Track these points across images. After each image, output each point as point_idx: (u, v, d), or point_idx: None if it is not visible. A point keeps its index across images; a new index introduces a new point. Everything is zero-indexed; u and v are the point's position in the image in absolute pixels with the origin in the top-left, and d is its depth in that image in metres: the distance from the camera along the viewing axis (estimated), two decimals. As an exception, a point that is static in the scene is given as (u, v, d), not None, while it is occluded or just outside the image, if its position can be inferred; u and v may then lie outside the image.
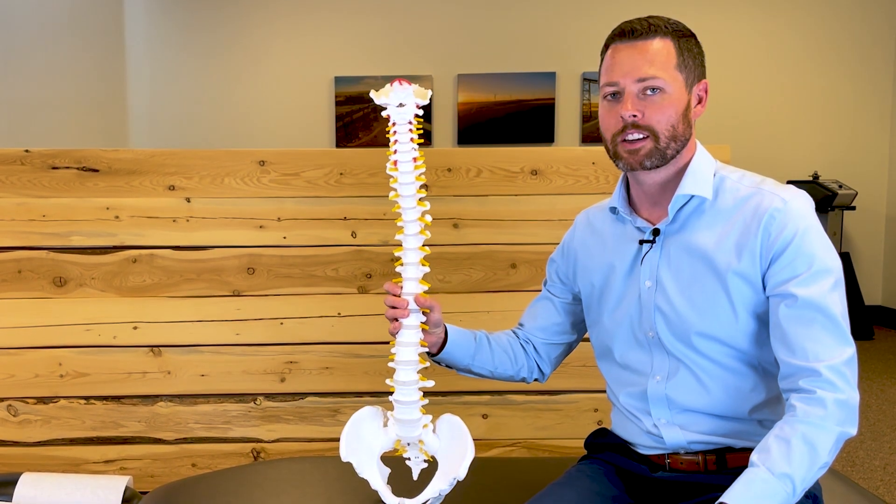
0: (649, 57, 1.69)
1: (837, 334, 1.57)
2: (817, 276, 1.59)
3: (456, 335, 1.93)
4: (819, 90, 7.82)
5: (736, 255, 1.66)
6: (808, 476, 1.50)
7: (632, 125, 1.70)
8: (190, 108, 7.97)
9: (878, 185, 7.85)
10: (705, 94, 1.75)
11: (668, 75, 1.68)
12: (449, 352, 1.93)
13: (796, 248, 1.61)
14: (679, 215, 1.75)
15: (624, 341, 1.85)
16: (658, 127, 1.69)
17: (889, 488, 3.72)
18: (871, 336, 7.12)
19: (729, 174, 1.76)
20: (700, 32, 5.86)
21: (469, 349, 1.96)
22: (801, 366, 1.56)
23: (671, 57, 1.69)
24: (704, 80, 1.75)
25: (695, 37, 1.76)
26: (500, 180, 2.93)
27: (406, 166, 1.81)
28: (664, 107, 1.68)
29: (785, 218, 1.62)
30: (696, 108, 1.74)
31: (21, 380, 2.91)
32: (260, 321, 2.93)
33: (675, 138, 1.70)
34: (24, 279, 2.90)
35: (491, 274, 2.94)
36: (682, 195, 1.72)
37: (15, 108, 5.70)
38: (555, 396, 2.95)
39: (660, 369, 1.78)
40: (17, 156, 2.89)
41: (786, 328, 1.60)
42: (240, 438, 2.96)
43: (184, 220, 2.91)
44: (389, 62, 7.92)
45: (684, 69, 1.70)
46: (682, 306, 1.72)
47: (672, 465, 1.77)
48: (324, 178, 2.92)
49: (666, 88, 1.68)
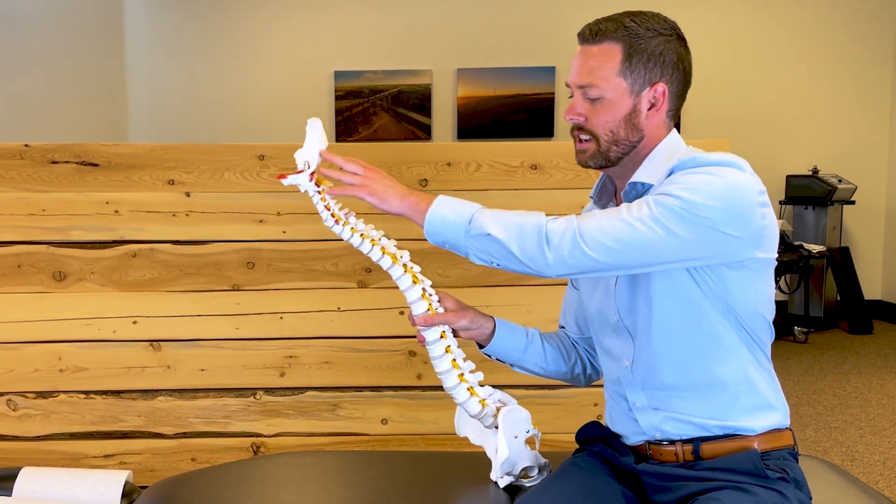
0: (590, 64, 1.73)
1: (632, 214, 1.60)
2: (664, 193, 1.61)
3: (504, 329, 2.00)
4: (819, 84, 7.81)
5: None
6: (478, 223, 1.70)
7: (577, 127, 1.76)
8: (190, 102, 7.97)
9: (877, 180, 7.85)
10: (663, 97, 1.74)
11: (607, 83, 1.71)
12: (497, 345, 1.99)
13: (675, 177, 1.64)
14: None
15: (600, 326, 1.90)
16: (597, 131, 1.74)
17: (889, 483, 3.73)
18: (871, 330, 7.12)
19: (684, 158, 1.73)
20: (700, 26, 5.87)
21: (519, 344, 2.02)
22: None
23: (614, 63, 1.71)
24: (659, 84, 1.73)
25: (662, 35, 1.73)
26: (499, 175, 2.93)
27: (338, 229, 1.95)
28: (601, 113, 1.73)
29: (683, 163, 1.65)
30: (650, 112, 1.74)
31: (21, 374, 2.91)
32: (260, 316, 2.93)
33: (616, 143, 1.74)
34: (23, 273, 2.90)
35: (490, 268, 2.94)
36: (632, 182, 1.75)
37: (14, 103, 5.69)
38: (554, 391, 2.95)
39: (627, 354, 1.82)
40: (17, 150, 2.88)
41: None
42: (240, 433, 2.96)
43: (183, 215, 2.91)
44: (389, 56, 7.92)
45: (629, 75, 1.71)
46: (637, 289, 1.76)
47: (653, 456, 1.80)
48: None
49: (604, 95, 1.71)
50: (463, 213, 1.71)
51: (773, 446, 1.74)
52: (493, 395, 1.98)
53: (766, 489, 1.64)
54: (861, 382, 5.50)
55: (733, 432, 1.73)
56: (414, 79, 7.89)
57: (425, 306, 1.91)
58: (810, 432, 4.46)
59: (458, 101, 7.87)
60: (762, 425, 1.74)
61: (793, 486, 1.70)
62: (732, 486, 1.65)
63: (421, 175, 2.91)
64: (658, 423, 1.78)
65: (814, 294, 7.36)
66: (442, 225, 1.72)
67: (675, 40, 1.74)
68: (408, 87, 7.89)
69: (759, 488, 1.64)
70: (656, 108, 1.74)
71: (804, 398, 5.11)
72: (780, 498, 1.64)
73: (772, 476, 1.68)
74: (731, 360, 1.72)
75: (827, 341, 6.87)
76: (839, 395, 5.18)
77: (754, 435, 1.73)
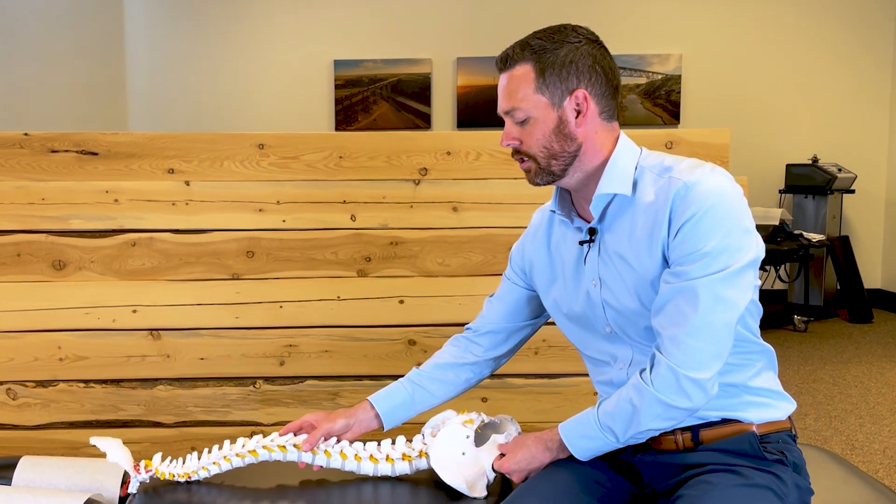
0: (508, 89, 1.77)
1: (692, 308, 1.60)
2: (698, 257, 1.61)
3: (384, 404, 2.10)
4: (819, 73, 7.80)
5: (657, 247, 1.69)
6: (629, 432, 1.68)
7: (515, 151, 1.81)
8: (189, 91, 7.96)
9: (877, 169, 7.85)
10: (585, 101, 1.74)
11: (527, 103, 1.75)
12: (390, 419, 2.10)
13: (686, 234, 1.64)
14: (606, 213, 1.80)
15: (588, 338, 1.92)
16: (532, 151, 1.78)
17: (889, 472, 3.73)
18: (871, 319, 7.13)
19: (649, 164, 1.78)
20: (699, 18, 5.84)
21: (405, 402, 2.11)
22: (657, 331, 1.66)
23: (528, 83, 1.74)
24: (579, 91, 1.74)
25: (570, 44, 1.74)
26: (499, 164, 2.92)
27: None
28: (531, 133, 1.76)
29: (688, 200, 1.64)
30: (578, 119, 1.75)
31: (20, 363, 2.91)
32: (259, 304, 2.93)
33: (553, 157, 1.77)
34: (23, 262, 2.89)
35: (490, 257, 2.94)
36: (602, 195, 1.77)
37: (14, 92, 5.68)
38: (555, 380, 2.95)
39: (623, 358, 1.84)
40: (17, 139, 2.88)
41: (658, 298, 1.67)
42: (239, 422, 2.96)
43: (183, 204, 2.91)
44: (389, 45, 7.91)
45: (547, 89, 1.73)
46: (627, 301, 1.77)
47: (652, 446, 1.81)
48: (323, 161, 2.91)
49: (529, 115, 1.75)
50: (596, 436, 1.75)
51: (771, 429, 1.76)
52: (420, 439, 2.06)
53: (762, 471, 1.66)
54: (861, 371, 5.51)
55: (732, 418, 1.74)
56: (413, 67, 7.89)
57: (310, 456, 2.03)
58: (810, 421, 4.46)
59: (457, 89, 7.87)
60: (762, 417, 1.75)
61: (790, 469, 1.71)
62: (725, 468, 1.67)
63: (420, 164, 2.91)
64: None
65: (813, 283, 7.36)
66: (593, 453, 1.79)
67: (586, 44, 1.75)
68: (407, 75, 7.89)
69: (753, 471, 1.65)
70: (583, 113, 1.75)
71: (804, 387, 5.11)
72: (776, 480, 1.65)
73: (769, 458, 1.69)
74: (731, 358, 1.73)
75: (827, 330, 6.88)
76: (839, 384, 5.19)
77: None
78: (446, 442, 1.98)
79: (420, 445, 2.03)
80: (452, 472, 1.95)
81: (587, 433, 1.74)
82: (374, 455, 2.02)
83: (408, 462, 2.02)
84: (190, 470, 2.03)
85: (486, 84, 7.83)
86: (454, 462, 1.97)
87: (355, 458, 2.02)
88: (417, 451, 2.03)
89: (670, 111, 7.86)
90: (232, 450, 2.03)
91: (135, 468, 2.02)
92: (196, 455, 2.06)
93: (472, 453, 1.97)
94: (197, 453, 2.07)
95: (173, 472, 2.03)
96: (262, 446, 2.02)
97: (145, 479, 2.04)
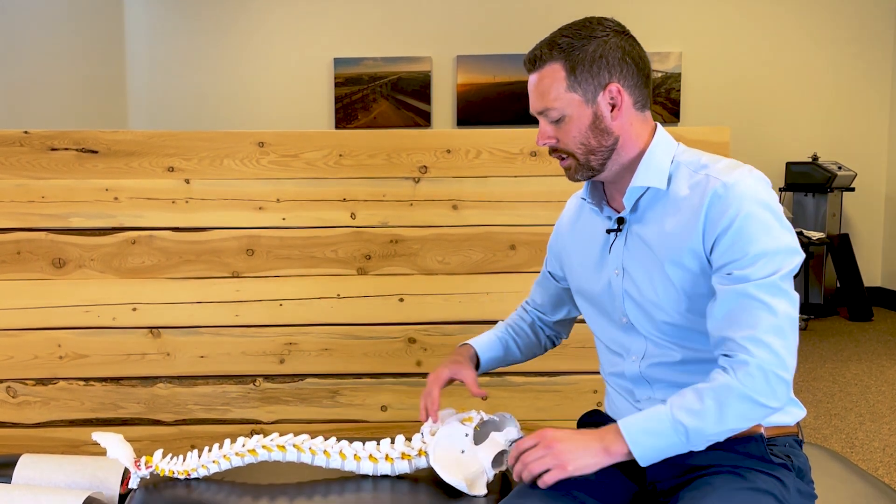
0: (540, 90, 1.77)
1: (765, 310, 1.60)
2: (754, 259, 1.61)
3: (485, 356, 2.17)
4: (819, 71, 7.80)
5: (686, 242, 1.70)
6: (707, 433, 1.59)
7: (552, 149, 1.82)
8: (189, 90, 7.95)
9: (877, 167, 7.84)
10: (619, 95, 1.75)
11: (560, 102, 1.75)
12: (484, 367, 2.17)
13: (734, 234, 1.63)
14: (639, 205, 1.80)
15: (606, 325, 1.92)
16: (570, 148, 1.78)
17: (888, 469, 3.74)
18: (871, 317, 7.13)
19: (686, 160, 1.79)
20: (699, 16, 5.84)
21: (499, 360, 2.19)
22: (725, 335, 1.63)
23: (560, 82, 1.74)
24: (611, 84, 1.75)
25: (597, 38, 1.74)
26: (499, 161, 2.92)
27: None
28: (568, 131, 1.76)
29: (725, 203, 1.65)
30: (613, 112, 1.76)
31: (20, 361, 2.91)
32: (259, 302, 2.93)
33: (591, 152, 1.77)
34: (22, 260, 2.89)
35: (490, 255, 2.94)
36: (636, 187, 1.78)
37: (14, 91, 5.68)
38: (554, 378, 2.95)
39: (636, 351, 1.85)
40: (16, 137, 2.88)
41: (717, 304, 1.64)
42: (239, 420, 2.96)
43: (183, 202, 2.91)
44: (389, 43, 7.90)
45: (579, 87, 1.74)
46: (649, 293, 1.78)
47: None
48: (323, 159, 2.91)
49: (564, 113, 1.75)
50: (666, 433, 1.61)
51: (779, 433, 1.76)
52: (420, 437, 2.07)
53: (765, 475, 1.65)
54: (861, 369, 5.51)
55: None
56: (413, 66, 7.88)
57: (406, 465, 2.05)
58: (810, 419, 4.47)
59: (457, 87, 7.86)
60: (771, 421, 1.75)
61: (794, 474, 1.71)
62: (729, 470, 1.66)
63: (420, 162, 2.91)
64: None
65: (813, 281, 7.36)
66: (655, 454, 1.63)
67: (614, 36, 1.75)
68: (407, 73, 7.88)
69: (757, 473, 1.65)
70: (618, 106, 1.76)
71: (804, 385, 5.12)
72: (779, 484, 1.65)
73: (775, 461, 1.69)
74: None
75: (827, 328, 6.88)
76: (839, 382, 5.19)
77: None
78: (446, 440, 1.98)
79: (419, 444, 2.03)
80: (452, 471, 1.95)
81: (655, 429, 1.60)
82: (374, 454, 2.02)
83: (407, 461, 2.02)
84: (190, 467, 2.03)
85: (485, 82, 7.83)
86: (454, 460, 1.97)
87: (355, 458, 2.02)
88: (417, 449, 2.03)
89: (670, 109, 7.85)
90: (232, 449, 2.03)
91: (135, 465, 2.02)
92: (196, 453, 2.06)
93: (471, 451, 1.97)
94: (197, 451, 2.07)
95: (173, 469, 2.03)
96: (262, 446, 2.02)
97: (146, 476, 2.04)
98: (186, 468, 2.03)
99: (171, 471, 2.03)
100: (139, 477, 2.03)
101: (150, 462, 2.04)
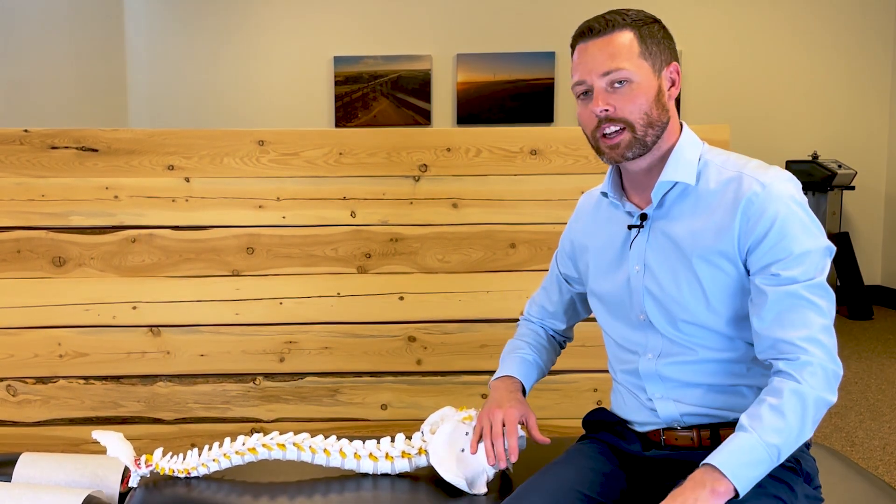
0: (611, 50, 1.73)
1: (815, 310, 1.61)
2: (799, 259, 1.62)
3: (528, 385, 2.11)
4: (818, 70, 7.80)
5: (717, 241, 1.69)
6: (793, 445, 1.58)
7: (606, 119, 1.74)
8: (189, 88, 7.95)
9: (877, 165, 7.84)
10: (678, 75, 1.77)
11: (633, 65, 1.72)
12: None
13: (777, 234, 1.63)
14: (665, 200, 1.79)
15: (619, 322, 1.90)
16: (632, 117, 1.73)
17: (889, 468, 3.74)
18: (871, 316, 7.13)
19: (714, 158, 1.78)
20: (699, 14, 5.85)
21: (535, 379, 2.15)
22: (779, 337, 1.62)
23: (633, 47, 1.73)
24: (674, 63, 1.77)
25: (658, 22, 1.78)
26: (499, 160, 2.92)
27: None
28: (634, 96, 1.72)
29: (764, 203, 1.65)
30: (671, 90, 1.77)
31: (20, 360, 2.91)
32: (259, 301, 2.93)
33: (651, 125, 1.74)
34: (23, 259, 2.89)
35: (490, 254, 2.94)
36: (665, 182, 1.76)
37: (14, 89, 5.68)
38: (554, 376, 2.95)
39: (652, 348, 1.83)
40: (17, 135, 2.88)
41: (767, 305, 1.64)
42: (239, 418, 2.96)
43: (183, 200, 2.91)
44: (389, 42, 7.90)
45: (649, 56, 1.73)
46: (671, 290, 1.77)
47: (667, 442, 1.81)
48: (323, 157, 2.91)
49: (633, 78, 1.72)
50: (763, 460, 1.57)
51: None
52: (420, 436, 2.07)
53: (774, 479, 1.65)
54: (861, 368, 5.51)
55: None
56: (413, 64, 7.88)
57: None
58: (809, 418, 4.46)
59: (457, 86, 7.86)
60: None
61: (802, 479, 1.70)
62: None
63: (420, 160, 2.91)
64: (678, 414, 1.80)
65: (814, 280, 7.34)
66: (754, 481, 1.57)
67: (665, 29, 1.80)
68: (407, 72, 7.88)
69: (766, 477, 1.64)
70: (676, 86, 1.77)
71: (803, 384, 5.10)
72: (785, 489, 1.65)
73: (784, 465, 1.68)
74: (754, 356, 1.73)
75: (826, 327, 6.86)
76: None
77: None
78: (446, 439, 1.98)
79: (419, 443, 2.03)
80: (452, 469, 1.95)
81: (753, 460, 1.55)
82: (374, 453, 2.03)
83: (407, 460, 2.02)
84: (190, 466, 2.03)
85: (486, 80, 7.83)
86: (454, 459, 1.97)
87: (355, 457, 2.02)
88: (417, 448, 2.03)
89: (670, 108, 7.84)
90: (232, 447, 2.03)
91: (135, 463, 2.03)
92: (196, 451, 2.06)
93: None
94: (197, 450, 2.07)
95: (173, 467, 2.03)
96: (262, 444, 2.02)
97: (146, 475, 2.04)
98: (186, 467, 2.03)
99: (171, 469, 2.03)
100: (139, 475, 2.03)
101: (151, 460, 2.04)
